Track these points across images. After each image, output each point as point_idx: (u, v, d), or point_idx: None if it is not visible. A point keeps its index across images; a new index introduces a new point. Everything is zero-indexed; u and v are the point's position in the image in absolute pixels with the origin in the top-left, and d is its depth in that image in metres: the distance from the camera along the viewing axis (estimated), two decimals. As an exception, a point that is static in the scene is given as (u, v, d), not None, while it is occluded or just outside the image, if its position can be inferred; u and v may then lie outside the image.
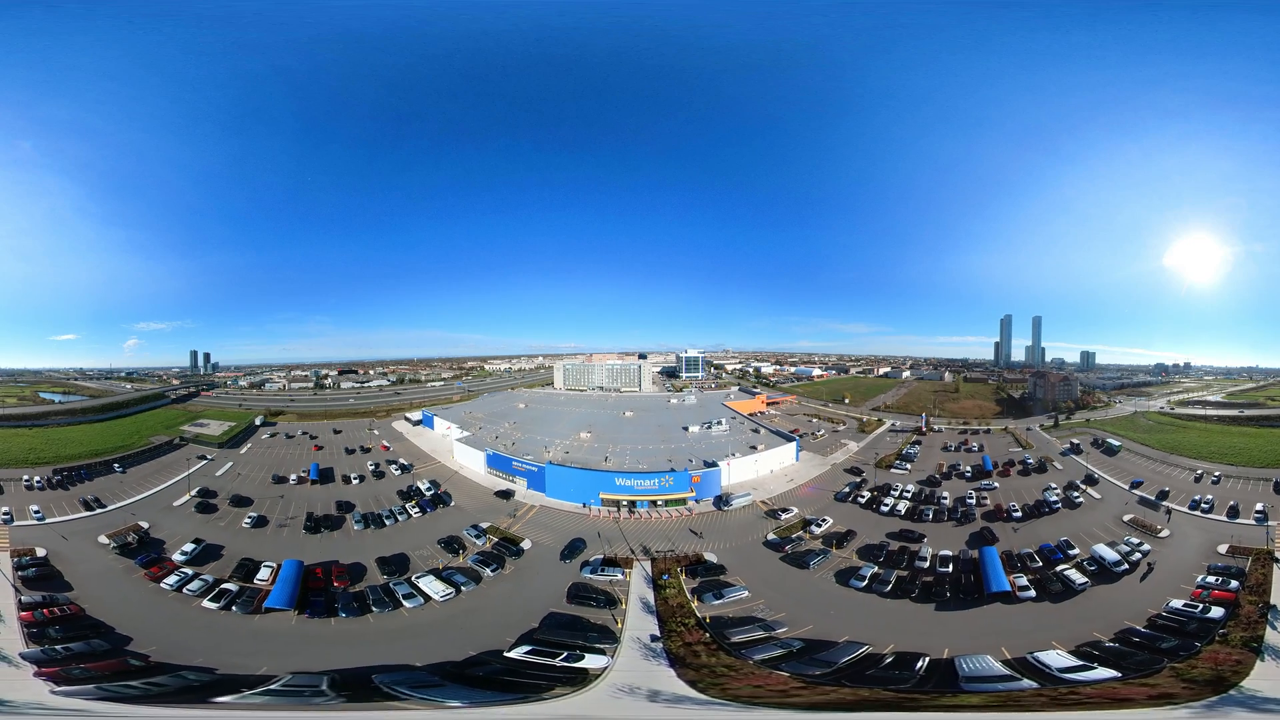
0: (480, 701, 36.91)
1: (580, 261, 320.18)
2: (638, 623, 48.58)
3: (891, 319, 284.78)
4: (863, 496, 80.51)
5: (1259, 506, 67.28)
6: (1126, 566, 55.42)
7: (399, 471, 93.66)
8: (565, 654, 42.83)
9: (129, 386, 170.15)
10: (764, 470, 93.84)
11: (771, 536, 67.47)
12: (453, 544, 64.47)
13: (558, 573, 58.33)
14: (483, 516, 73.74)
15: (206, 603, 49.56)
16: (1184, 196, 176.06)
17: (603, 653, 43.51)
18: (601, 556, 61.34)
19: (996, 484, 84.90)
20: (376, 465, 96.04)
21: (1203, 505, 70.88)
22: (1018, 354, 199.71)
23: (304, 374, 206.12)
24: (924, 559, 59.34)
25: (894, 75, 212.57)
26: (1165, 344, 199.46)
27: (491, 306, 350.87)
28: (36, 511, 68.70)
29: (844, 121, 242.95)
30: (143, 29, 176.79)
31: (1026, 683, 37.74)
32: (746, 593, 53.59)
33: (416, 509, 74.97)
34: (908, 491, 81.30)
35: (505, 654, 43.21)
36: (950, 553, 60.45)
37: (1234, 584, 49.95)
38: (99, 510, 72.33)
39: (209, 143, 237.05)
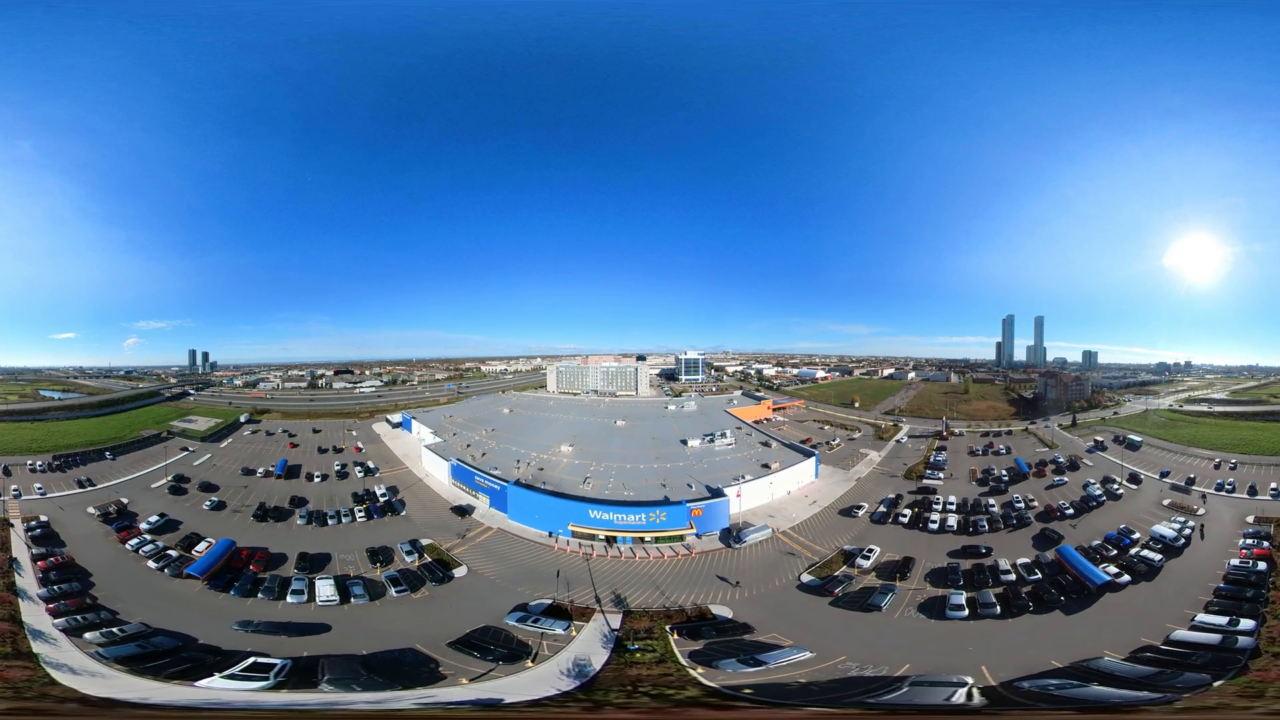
0: None
1: (580, 262, 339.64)
2: (531, 687, 42.40)
3: (892, 320, 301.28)
4: (904, 515, 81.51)
5: (1273, 485, 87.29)
6: (1184, 541, 69.58)
7: (363, 474, 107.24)
8: (257, 682, 42.40)
9: (146, 386, 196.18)
10: (780, 492, 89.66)
11: (807, 578, 64.01)
12: (379, 555, 69.95)
13: (468, 612, 55.93)
14: (429, 532, 78.45)
15: (150, 563, 67.43)
16: (1184, 196, 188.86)
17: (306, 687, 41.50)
18: (548, 602, 56.85)
19: (1066, 478, 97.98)
20: (343, 466, 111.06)
21: (1226, 487, 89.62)
22: (1019, 354, 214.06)
23: (300, 374, 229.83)
24: (1008, 571, 63.37)
25: (894, 75, 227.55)
26: (1166, 343, 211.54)
27: (491, 307, 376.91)
28: (40, 488, 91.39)
29: (844, 121, 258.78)
30: (143, 29, 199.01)
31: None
32: (807, 653, 47.32)
33: (364, 514, 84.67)
34: (951, 503, 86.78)
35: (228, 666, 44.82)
36: (1027, 560, 66.84)
37: (1266, 544, 67.32)
38: (90, 488, 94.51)
39: (209, 143, 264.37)
